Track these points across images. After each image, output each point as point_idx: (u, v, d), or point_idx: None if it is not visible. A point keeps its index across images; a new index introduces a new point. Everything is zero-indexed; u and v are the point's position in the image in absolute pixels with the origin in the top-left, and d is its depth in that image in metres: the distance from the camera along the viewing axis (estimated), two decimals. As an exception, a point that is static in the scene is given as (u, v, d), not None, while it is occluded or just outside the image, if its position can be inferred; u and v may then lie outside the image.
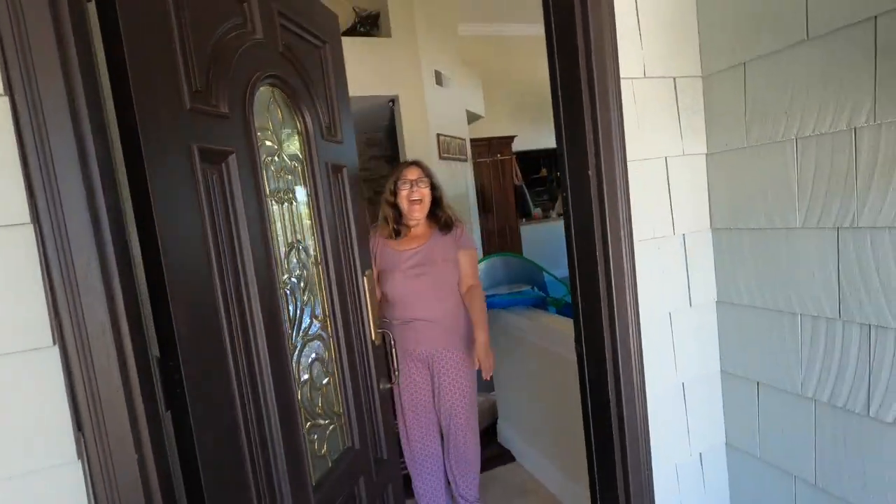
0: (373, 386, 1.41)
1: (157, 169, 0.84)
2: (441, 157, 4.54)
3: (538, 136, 6.77)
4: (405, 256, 1.91)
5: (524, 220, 6.79)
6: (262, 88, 1.08)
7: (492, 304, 2.35)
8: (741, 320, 1.17)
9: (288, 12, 1.15)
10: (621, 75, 1.06)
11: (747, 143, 1.08)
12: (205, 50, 0.92)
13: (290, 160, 1.21)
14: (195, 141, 0.88)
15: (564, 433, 2.10)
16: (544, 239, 6.71)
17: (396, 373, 1.57)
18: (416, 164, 1.96)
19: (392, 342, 1.56)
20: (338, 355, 1.29)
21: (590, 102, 1.04)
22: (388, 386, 1.50)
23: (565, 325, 2.08)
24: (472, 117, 5.54)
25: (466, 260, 1.94)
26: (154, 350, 0.87)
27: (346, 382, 1.30)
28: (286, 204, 1.18)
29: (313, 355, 1.23)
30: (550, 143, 6.71)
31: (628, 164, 1.08)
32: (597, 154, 1.06)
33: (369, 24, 4.46)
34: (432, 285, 1.88)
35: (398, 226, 1.95)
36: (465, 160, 5.13)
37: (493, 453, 2.63)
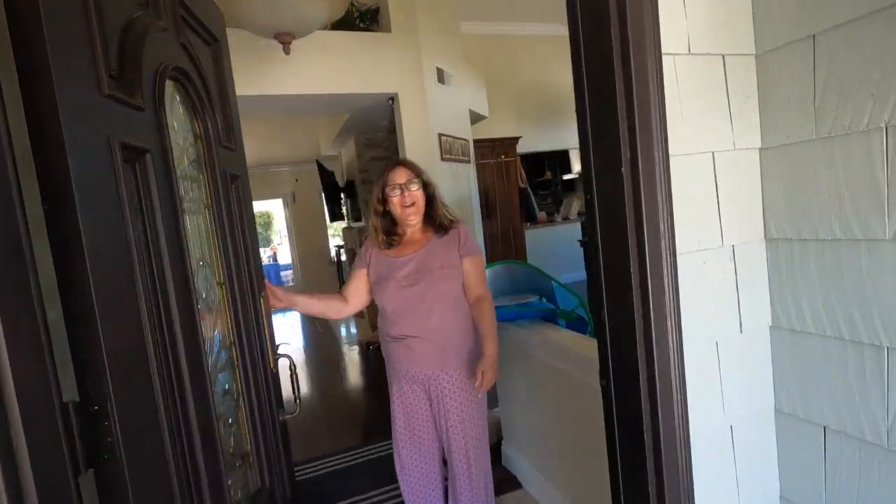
0: (275, 418, 1.31)
1: (79, 161, 0.65)
2: (443, 159, 4.34)
3: (542, 137, 6.58)
4: (400, 264, 1.71)
5: (529, 224, 6.60)
6: (167, 82, 0.94)
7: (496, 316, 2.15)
8: (802, 350, 0.97)
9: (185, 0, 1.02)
10: (662, 50, 0.86)
11: (816, 133, 0.88)
12: (115, 28, 0.75)
13: (192, 167, 1.11)
14: (115, 133, 0.70)
15: (577, 459, 1.89)
16: (550, 242, 6.51)
17: (298, 402, 1.42)
18: (403, 164, 1.75)
19: (293, 367, 1.40)
20: (244, 386, 1.18)
21: (624, 82, 0.84)
22: (288, 417, 1.41)
23: (577, 343, 1.88)
24: (476, 118, 5.35)
25: (473, 267, 1.71)
26: (67, 392, 0.68)
27: (254, 416, 1.19)
28: (193, 216, 1.08)
29: (224, 388, 1.12)
30: (555, 145, 6.52)
31: (671, 159, 0.88)
32: (632, 147, 0.86)
33: (369, 19, 4.28)
34: (428, 296, 1.66)
35: (390, 236, 1.75)
36: (468, 162, 4.94)
37: (497, 478, 2.42)
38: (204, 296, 1.10)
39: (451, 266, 1.68)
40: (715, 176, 0.95)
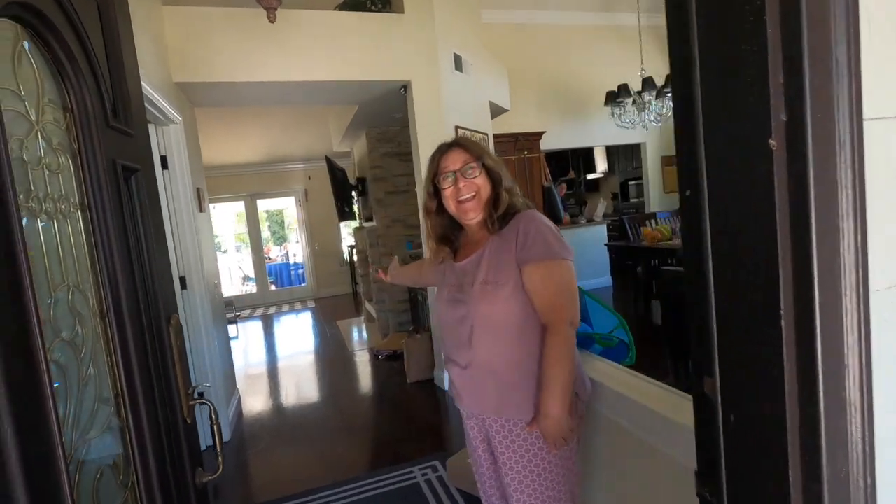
0: (188, 484, 1.04)
1: None
2: (459, 154, 3.97)
3: (566, 134, 6.14)
4: (456, 269, 1.32)
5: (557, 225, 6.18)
6: (4, 23, 0.68)
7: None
8: None
9: None
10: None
11: None
12: None
13: (56, 151, 0.83)
14: None
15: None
16: (574, 245, 6.06)
17: (221, 457, 1.09)
18: (457, 144, 1.29)
19: (213, 416, 1.09)
20: (138, 452, 0.89)
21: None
22: (209, 479, 1.11)
23: (613, 377, 1.47)
24: (497, 110, 4.95)
25: (537, 279, 1.17)
26: None
27: (153, 492, 0.90)
28: (50, 222, 0.79)
29: (102, 461, 0.83)
30: (578, 142, 6.05)
31: (864, 124, 0.48)
32: (793, 100, 0.47)
33: (381, 1, 3.93)
34: (468, 320, 1.23)
35: (450, 242, 1.36)
36: (487, 158, 4.55)
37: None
38: (68, 334, 0.77)
39: (495, 281, 1.19)
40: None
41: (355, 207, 6.61)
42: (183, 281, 3.00)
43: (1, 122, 0.62)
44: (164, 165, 2.94)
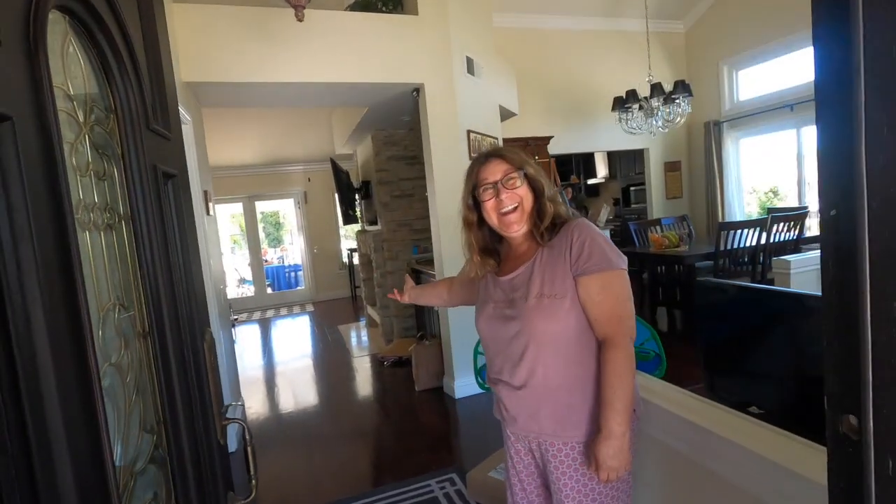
0: None
1: None
2: (471, 158, 3.91)
3: (572, 138, 6.11)
4: (501, 284, 1.25)
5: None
6: (54, 15, 0.62)
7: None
8: None
9: None
10: None
11: None
12: None
13: (101, 154, 0.78)
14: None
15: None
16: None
17: (254, 481, 1.05)
18: (496, 154, 1.22)
19: (248, 437, 1.05)
20: (180, 482, 0.83)
21: None
22: (242, 503, 1.07)
23: (648, 389, 1.42)
24: (505, 114, 4.91)
25: (595, 291, 1.11)
26: None
27: None
28: (98, 232, 0.73)
29: (146, 495, 0.78)
30: (584, 146, 6.00)
31: None
32: None
33: (392, 2, 3.87)
34: (521, 336, 1.16)
35: (493, 255, 1.29)
36: (497, 162, 4.49)
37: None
38: (116, 358, 0.70)
39: (551, 294, 1.13)
40: None
41: (358, 210, 6.53)
42: (191, 286, 2.91)
43: (56, 124, 0.56)
44: (173, 167, 2.86)
